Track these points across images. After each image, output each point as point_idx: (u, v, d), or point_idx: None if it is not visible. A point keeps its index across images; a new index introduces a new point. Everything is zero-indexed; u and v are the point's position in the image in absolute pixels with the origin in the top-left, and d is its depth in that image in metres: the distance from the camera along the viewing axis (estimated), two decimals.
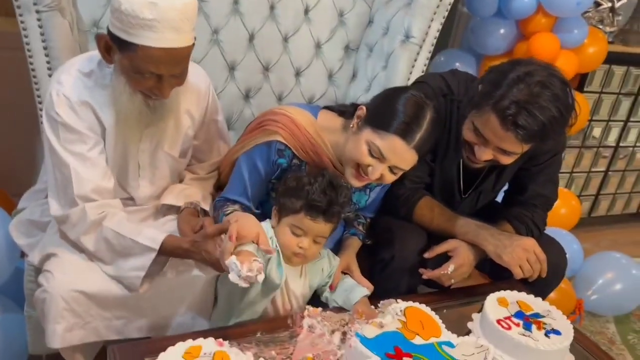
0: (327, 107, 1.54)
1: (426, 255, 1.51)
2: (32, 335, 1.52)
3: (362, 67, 2.30)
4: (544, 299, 1.62)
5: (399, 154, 1.33)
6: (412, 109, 1.32)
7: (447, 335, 1.23)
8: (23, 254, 1.51)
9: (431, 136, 1.35)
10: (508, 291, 1.45)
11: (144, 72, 1.25)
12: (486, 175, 1.62)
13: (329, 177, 1.33)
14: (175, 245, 1.32)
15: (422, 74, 2.10)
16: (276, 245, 1.33)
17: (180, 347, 1.10)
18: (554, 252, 1.63)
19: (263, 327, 1.28)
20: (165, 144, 1.48)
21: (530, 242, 1.51)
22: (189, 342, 1.11)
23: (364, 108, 1.38)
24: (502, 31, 2.41)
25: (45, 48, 1.64)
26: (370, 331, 1.20)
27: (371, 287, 1.44)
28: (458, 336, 1.25)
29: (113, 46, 1.26)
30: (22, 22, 1.60)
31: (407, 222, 1.59)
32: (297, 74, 2.25)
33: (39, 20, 1.61)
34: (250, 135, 1.49)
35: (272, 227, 1.37)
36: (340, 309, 1.38)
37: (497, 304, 1.39)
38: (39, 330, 1.44)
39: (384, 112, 1.33)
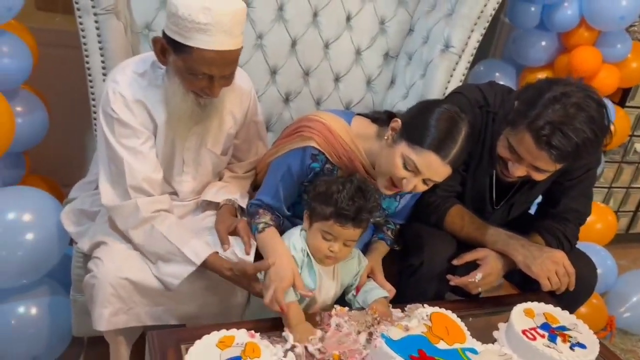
0: (360, 114, 1.58)
1: (455, 262, 1.53)
2: (77, 318, 1.61)
3: (400, 74, 2.33)
4: (572, 313, 1.63)
5: (434, 168, 1.35)
6: (446, 123, 1.34)
7: (471, 342, 1.26)
8: (71, 241, 1.60)
9: (465, 150, 1.38)
10: (535, 303, 1.46)
11: (198, 72, 1.33)
12: (519, 188, 1.63)
13: (357, 183, 1.36)
14: (215, 267, 1.40)
15: (460, 83, 2.13)
16: (306, 251, 1.39)
17: (215, 336, 1.16)
18: (584, 266, 1.63)
19: None
20: (208, 141, 1.55)
21: (559, 255, 1.52)
22: (223, 332, 1.18)
23: (399, 121, 1.41)
24: (543, 43, 2.41)
25: (100, 48, 1.74)
26: (396, 333, 1.23)
27: (393, 290, 1.47)
28: (483, 344, 1.28)
29: (168, 48, 1.33)
30: (80, 23, 1.71)
31: (437, 229, 1.62)
32: (337, 79, 2.30)
33: (96, 22, 1.71)
34: (285, 140, 1.55)
35: (304, 230, 1.42)
36: (362, 310, 1.41)
37: (523, 315, 1.41)
38: (83, 314, 1.53)
39: (419, 127, 1.36)
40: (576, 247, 1.70)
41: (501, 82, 2.54)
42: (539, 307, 1.45)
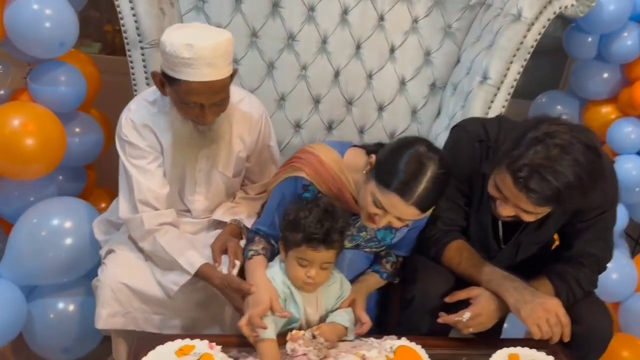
0: (357, 145, 1.61)
1: (447, 299, 1.49)
2: None
3: (445, 104, 2.31)
4: None
5: (399, 209, 1.35)
6: (412, 166, 1.33)
7: None
8: None
9: (434, 191, 1.34)
10: (526, 349, 1.39)
11: (189, 102, 1.46)
12: (525, 227, 1.55)
13: (323, 206, 1.39)
14: (207, 275, 1.51)
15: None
16: (287, 283, 1.44)
17: (177, 344, 1.26)
18: (598, 316, 1.50)
19: None
20: (219, 164, 1.68)
21: (553, 303, 1.41)
22: (187, 341, 1.27)
23: (374, 157, 1.42)
24: (605, 75, 2.26)
25: (146, 78, 1.94)
26: None
27: (368, 324, 1.45)
28: None
29: (165, 81, 1.48)
30: (129, 55, 1.93)
31: (436, 263, 1.58)
32: (380, 108, 2.34)
33: (142, 55, 1.92)
34: (282, 170, 1.62)
35: (282, 261, 1.47)
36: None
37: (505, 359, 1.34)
38: None
39: (387, 169, 1.36)
40: (594, 295, 1.57)
41: (564, 116, 2.45)
42: (528, 354, 1.37)
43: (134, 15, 1.86)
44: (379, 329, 1.56)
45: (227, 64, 1.46)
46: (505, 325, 1.79)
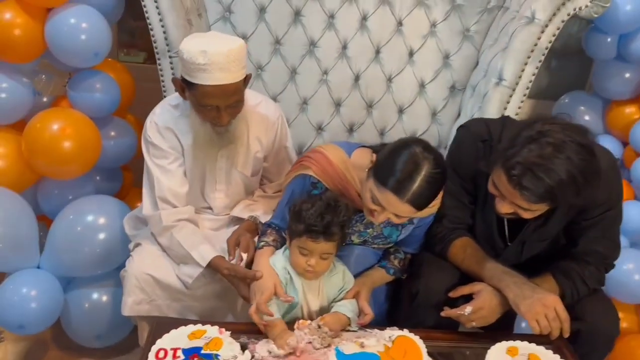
0: (365, 146, 1.68)
1: (451, 294, 1.53)
2: None
3: (465, 106, 2.35)
4: None
5: (394, 206, 1.41)
6: (408, 166, 1.38)
7: None
8: None
9: (428, 189, 1.40)
10: (525, 343, 1.42)
11: (205, 105, 1.57)
12: (530, 224, 1.58)
13: (326, 200, 1.47)
14: (217, 266, 1.61)
15: (517, 117, 2.09)
16: (287, 269, 1.53)
17: (189, 329, 1.36)
18: (603, 314, 1.52)
19: None
20: (238, 164, 1.79)
21: (552, 299, 1.44)
22: (199, 326, 1.37)
23: (374, 156, 1.49)
24: (627, 75, 2.24)
25: None
26: (350, 348, 1.31)
27: (370, 316, 1.51)
28: None
29: (184, 86, 1.60)
30: (159, 64, 2.07)
31: (441, 259, 1.63)
32: (400, 111, 2.40)
33: (171, 63, 2.06)
34: (293, 169, 1.71)
35: (287, 248, 1.55)
36: None
37: (503, 352, 1.38)
38: None
39: (384, 168, 1.42)
40: (601, 293, 1.58)
41: (586, 116, 2.45)
42: (527, 347, 1.41)
43: (162, 26, 2.00)
44: (390, 324, 1.61)
45: (240, 68, 1.56)
46: (522, 324, 1.82)
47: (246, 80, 1.62)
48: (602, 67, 2.31)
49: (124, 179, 2.35)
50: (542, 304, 1.43)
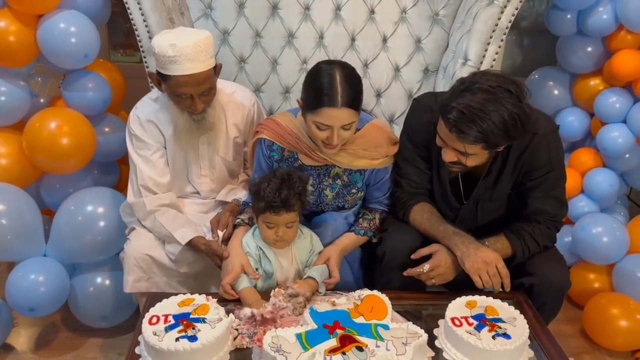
0: None
1: (412, 256, 1.67)
2: None
3: (438, 87, 2.47)
4: (546, 317, 1.67)
5: (336, 117, 1.59)
6: (324, 79, 1.59)
7: (387, 320, 1.43)
8: None
9: (351, 86, 1.59)
10: (483, 297, 1.56)
11: (179, 94, 1.70)
12: (482, 185, 1.71)
13: (280, 176, 1.63)
14: (196, 243, 1.77)
15: None
16: (258, 245, 1.69)
17: (179, 298, 1.51)
18: (553, 268, 1.65)
19: None
20: (220, 150, 1.93)
21: (492, 256, 1.58)
22: (188, 295, 1.52)
23: (299, 100, 1.69)
24: (589, 49, 2.37)
25: None
26: (323, 307, 1.46)
27: (336, 279, 1.66)
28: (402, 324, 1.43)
29: (159, 79, 1.73)
30: (145, 62, 2.21)
31: (405, 223, 1.78)
32: (378, 95, 2.52)
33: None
34: (250, 139, 1.88)
35: (257, 226, 1.71)
36: None
37: (462, 305, 1.51)
38: None
39: (308, 96, 1.63)
40: (553, 250, 1.72)
41: (555, 91, 2.57)
42: (485, 300, 1.54)
43: (146, 26, 2.13)
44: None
45: (208, 57, 1.69)
46: None
47: (216, 69, 1.76)
48: (565, 43, 2.43)
49: (121, 171, 2.50)
50: (484, 260, 1.57)
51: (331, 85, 1.58)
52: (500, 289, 1.60)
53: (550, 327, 1.65)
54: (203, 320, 1.42)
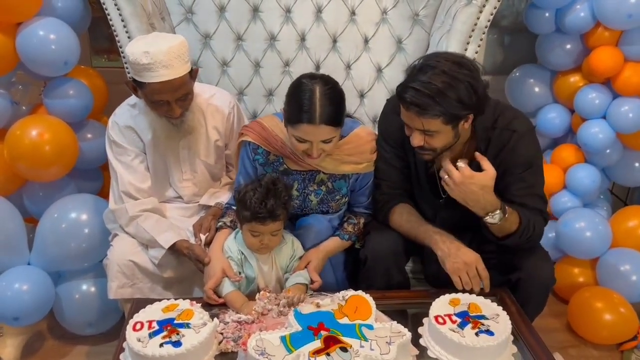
0: None
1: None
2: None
3: None
4: (531, 313, 1.68)
5: (314, 134, 1.60)
6: (304, 95, 1.58)
7: (372, 320, 1.44)
8: None
9: (330, 104, 1.59)
10: (466, 294, 1.57)
11: (156, 101, 1.70)
12: None
13: (265, 185, 1.62)
14: (179, 248, 1.77)
15: None
16: (240, 250, 1.69)
17: (163, 304, 1.51)
18: (538, 263, 1.67)
19: None
20: (201, 153, 1.93)
21: (473, 257, 1.59)
22: (172, 301, 1.52)
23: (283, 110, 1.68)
24: (568, 47, 2.40)
25: None
26: (307, 309, 1.47)
27: (318, 282, 1.67)
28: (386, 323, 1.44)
29: (135, 86, 1.73)
30: (126, 67, 2.19)
31: (385, 226, 1.79)
32: (361, 95, 2.53)
33: None
34: (236, 141, 1.88)
35: (240, 230, 1.70)
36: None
37: (446, 303, 1.53)
38: None
39: (289, 110, 1.63)
40: (538, 246, 1.73)
41: (535, 88, 2.59)
42: (468, 298, 1.56)
43: (127, 32, 2.13)
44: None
45: (183, 63, 1.68)
46: None
47: (193, 74, 1.76)
48: (545, 41, 2.46)
49: (104, 178, 2.49)
50: (463, 261, 1.58)
51: (311, 102, 1.57)
52: (480, 290, 1.61)
53: (536, 322, 1.67)
54: (187, 326, 1.42)
